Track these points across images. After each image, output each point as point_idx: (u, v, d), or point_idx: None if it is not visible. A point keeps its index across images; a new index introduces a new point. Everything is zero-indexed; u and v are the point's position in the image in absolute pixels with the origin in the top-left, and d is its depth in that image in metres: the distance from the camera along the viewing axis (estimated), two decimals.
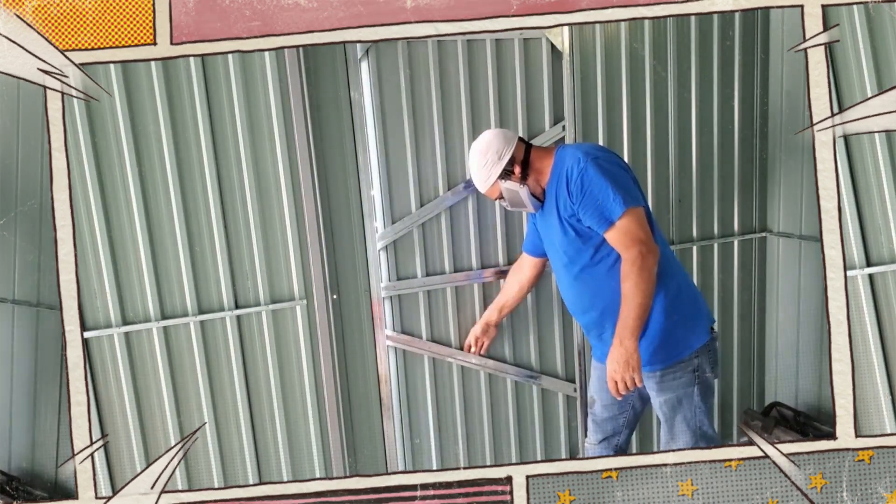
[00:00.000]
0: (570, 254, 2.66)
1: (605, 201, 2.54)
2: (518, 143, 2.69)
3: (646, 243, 2.52)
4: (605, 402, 2.84)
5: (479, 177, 2.71)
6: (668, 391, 2.68)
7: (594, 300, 2.67)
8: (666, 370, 2.67)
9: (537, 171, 2.68)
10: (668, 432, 2.73)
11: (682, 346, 2.67)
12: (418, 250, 3.03)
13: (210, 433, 2.86)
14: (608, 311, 2.63)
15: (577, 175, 2.56)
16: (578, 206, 2.57)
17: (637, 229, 2.53)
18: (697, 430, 2.69)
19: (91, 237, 2.74)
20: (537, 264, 2.90)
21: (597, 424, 2.88)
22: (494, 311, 3.01)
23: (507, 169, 2.67)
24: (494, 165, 2.68)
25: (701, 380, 2.68)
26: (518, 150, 2.68)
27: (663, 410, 2.71)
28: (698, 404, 2.69)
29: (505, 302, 2.99)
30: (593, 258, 2.63)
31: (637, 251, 2.51)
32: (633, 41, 3.00)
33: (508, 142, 2.68)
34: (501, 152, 2.67)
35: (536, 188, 2.69)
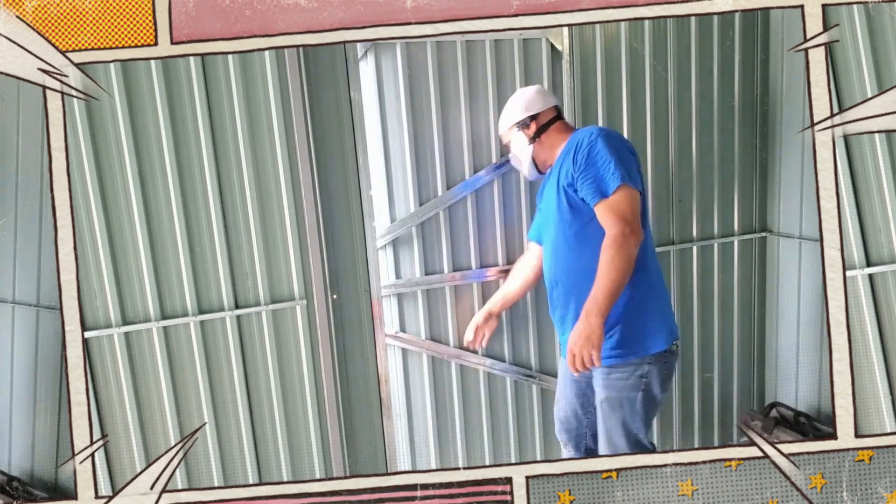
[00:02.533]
0: (557, 225, 2.67)
1: (604, 173, 2.54)
2: (550, 109, 2.77)
3: (631, 224, 2.51)
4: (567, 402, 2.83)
5: (502, 117, 2.82)
6: (611, 390, 2.66)
7: (566, 275, 2.66)
8: (613, 367, 2.64)
9: (550, 140, 2.74)
10: (603, 433, 2.69)
11: (637, 347, 2.64)
12: (417, 250, 3.04)
13: (210, 433, 2.86)
14: (574, 291, 2.62)
15: (587, 144, 2.58)
16: (579, 174, 2.58)
17: (626, 208, 2.52)
18: (632, 437, 2.65)
19: (91, 237, 2.74)
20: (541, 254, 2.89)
21: (561, 423, 2.87)
22: (498, 300, 3.00)
23: (525, 122, 2.76)
24: (517, 112, 2.78)
25: (646, 389, 2.64)
26: (546, 114, 2.76)
27: (603, 408, 2.68)
28: (639, 412, 2.64)
29: (508, 292, 2.99)
30: (577, 234, 2.63)
31: (620, 229, 2.50)
32: (633, 41, 3.00)
33: (542, 101, 2.78)
34: (530, 105, 2.77)
35: (542, 156, 2.75)
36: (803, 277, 3.03)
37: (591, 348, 2.48)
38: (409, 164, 2.99)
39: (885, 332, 2.52)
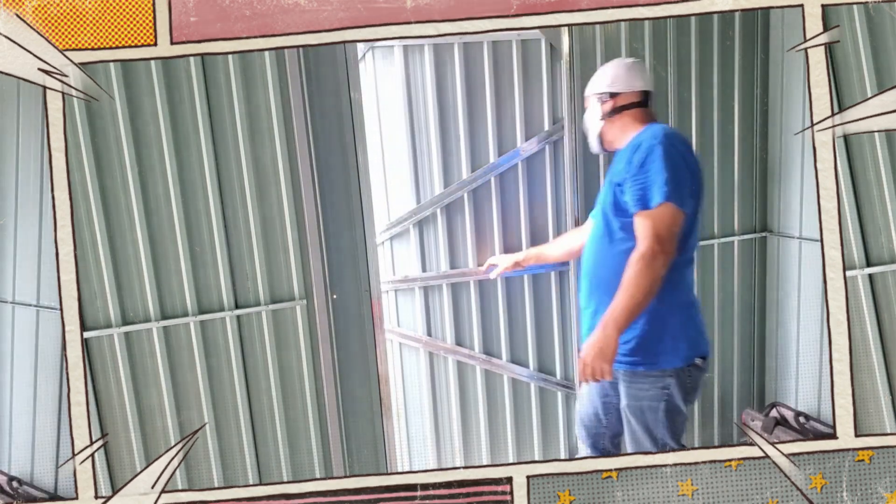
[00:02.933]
0: (603, 216, 2.62)
1: (653, 184, 2.48)
2: (637, 92, 2.65)
3: (663, 243, 2.45)
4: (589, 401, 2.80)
5: (591, 80, 2.70)
6: (633, 398, 2.64)
7: (595, 267, 2.64)
8: (635, 376, 2.62)
9: (623, 124, 2.65)
10: (629, 435, 2.68)
11: (659, 360, 2.61)
12: (415, 248, 3.04)
13: (210, 433, 2.86)
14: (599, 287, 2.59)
15: (647, 148, 2.52)
16: (629, 177, 2.52)
17: (664, 227, 2.46)
18: (659, 442, 2.63)
19: (91, 237, 2.74)
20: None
21: (581, 420, 2.85)
22: (533, 255, 2.99)
23: (605, 95, 2.65)
24: (600, 83, 2.67)
25: (668, 400, 2.62)
26: (628, 96, 2.66)
27: (626, 414, 2.67)
28: (662, 420, 2.62)
29: (548, 251, 2.98)
30: (616, 233, 2.58)
31: (650, 246, 2.45)
32: (633, 41, 3.00)
33: (628, 82, 2.66)
34: (615, 82, 2.66)
35: (609, 136, 2.66)
36: (803, 277, 3.03)
37: (603, 361, 2.44)
38: (408, 164, 2.99)
39: (885, 332, 2.52)
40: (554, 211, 3.16)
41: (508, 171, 3.10)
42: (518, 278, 3.17)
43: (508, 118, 3.06)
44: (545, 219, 3.15)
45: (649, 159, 2.50)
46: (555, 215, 3.16)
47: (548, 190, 3.15)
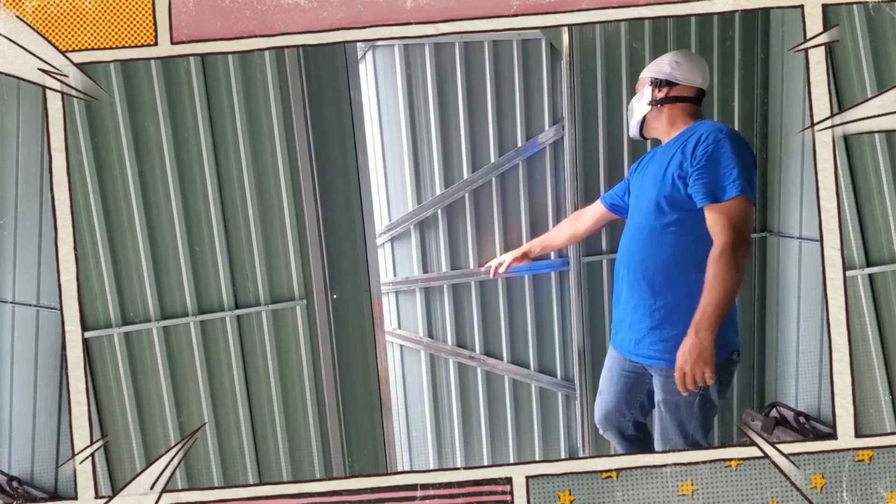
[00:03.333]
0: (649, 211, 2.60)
1: (724, 178, 2.47)
2: (693, 88, 2.65)
3: (743, 235, 2.43)
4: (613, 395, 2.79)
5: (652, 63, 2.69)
6: (670, 393, 2.63)
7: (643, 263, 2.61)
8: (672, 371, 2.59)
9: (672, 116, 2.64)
10: (660, 431, 2.69)
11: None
12: (415, 248, 3.04)
13: (210, 433, 2.86)
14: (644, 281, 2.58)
15: (713, 141, 2.50)
16: (695, 170, 2.49)
17: (740, 220, 2.44)
18: (690, 439, 2.64)
19: (91, 237, 2.74)
20: (601, 219, 2.87)
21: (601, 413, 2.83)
22: (538, 244, 3.00)
23: (663, 82, 2.64)
24: (660, 68, 2.65)
25: (704, 394, 2.61)
26: (684, 89, 2.65)
27: (660, 409, 2.68)
28: (696, 414, 2.63)
29: (552, 240, 2.99)
30: (667, 227, 2.56)
31: (731, 239, 2.42)
32: (633, 41, 3.00)
33: (689, 76, 2.65)
34: (675, 71, 2.65)
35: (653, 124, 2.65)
36: (803, 277, 3.03)
37: (704, 366, 2.42)
38: (406, 164, 2.99)
39: (885, 332, 2.52)
40: (554, 211, 3.16)
41: (509, 171, 3.10)
42: (518, 279, 3.17)
43: (509, 118, 3.06)
44: (546, 219, 3.15)
45: (718, 153, 2.48)
46: (555, 215, 3.16)
47: (548, 190, 3.15)
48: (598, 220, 2.89)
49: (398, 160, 3.02)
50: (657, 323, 2.60)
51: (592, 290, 3.16)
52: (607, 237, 3.15)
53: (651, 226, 2.59)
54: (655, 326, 2.60)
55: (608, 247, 3.15)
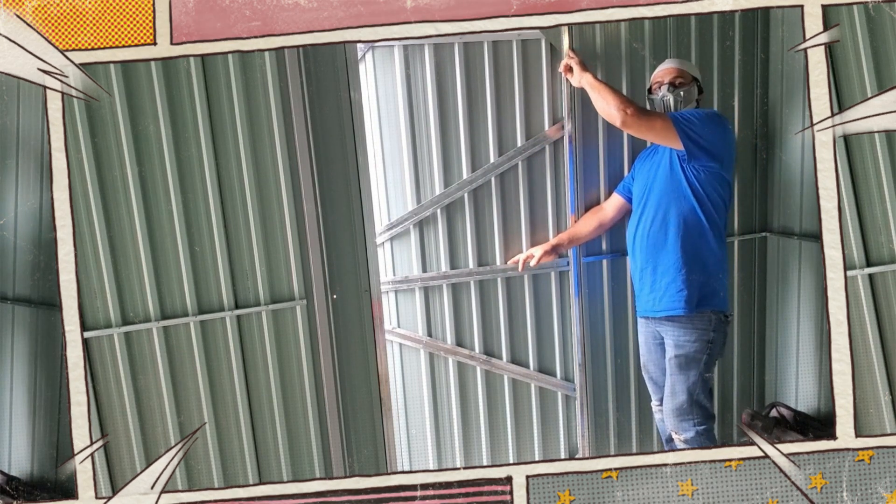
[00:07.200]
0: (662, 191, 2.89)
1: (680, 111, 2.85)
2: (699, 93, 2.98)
3: (635, 112, 2.77)
4: (655, 361, 2.98)
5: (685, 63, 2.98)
6: (681, 348, 2.86)
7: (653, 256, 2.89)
8: (689, 318, 2.85)
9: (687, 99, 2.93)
10: (669, 387, 2.90)
11: (709, 301, 2.87)
12: (415, 248, 3.04)
13: (210, 433, 2.86)
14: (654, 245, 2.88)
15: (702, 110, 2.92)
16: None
17: (650, 117, 2.80)
18: (695, 395, 2.85)
19: (91, 237, 2.74)
20: (621, 207, 3.04)
21: (654, 384, 3.00)
22: (566, 237, 3.10)
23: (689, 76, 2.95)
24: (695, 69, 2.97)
25: (710, 352, 2.88)
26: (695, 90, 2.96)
27: (671, 365, 2.88)
28: (703, 372, 2.86)
29: (580, 232, 3.09)
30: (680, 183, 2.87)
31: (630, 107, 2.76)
32: (632, 41, 3.00)
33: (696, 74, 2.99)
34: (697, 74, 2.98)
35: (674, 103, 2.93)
36: (803, 277, 3.03)
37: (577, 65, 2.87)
38: (406, 164, 2.99)
39: (885, 332, 2.52)
40: (554, 211, 3.16)
41: (509, 171, 3.10)
42: (518, 278, 3.17)
43: (508, 118, 3.06)
44: (545, 218, 3.15)
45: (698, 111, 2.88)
46: (555, 215, 3.15)
47: (548, 190, 3.15)
48: (619, 209, 3.05)
49: (398, 160, 3.02)
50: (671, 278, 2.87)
51: (592, 290, 3.16)
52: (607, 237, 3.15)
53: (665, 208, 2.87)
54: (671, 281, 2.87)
55: (608, 247, 3.15)
